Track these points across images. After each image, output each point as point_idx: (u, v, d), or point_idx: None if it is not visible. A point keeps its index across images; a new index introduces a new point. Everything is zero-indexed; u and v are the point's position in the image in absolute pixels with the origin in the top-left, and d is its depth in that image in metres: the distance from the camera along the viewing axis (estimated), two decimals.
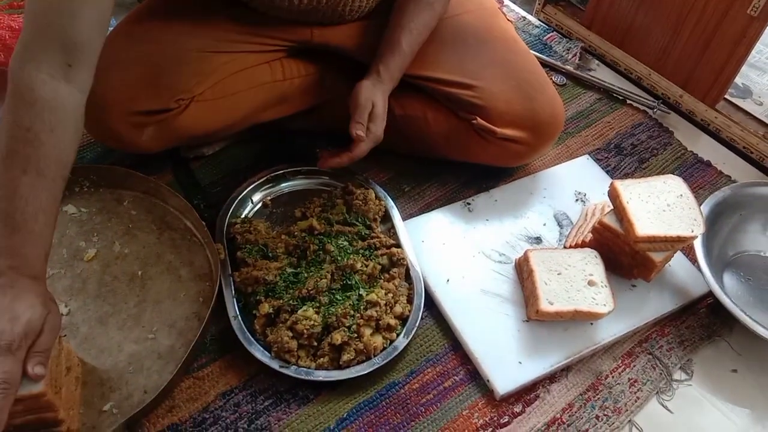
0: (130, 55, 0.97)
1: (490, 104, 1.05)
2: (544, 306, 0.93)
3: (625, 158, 1.27)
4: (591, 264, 0.98)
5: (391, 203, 1.09)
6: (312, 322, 0.89)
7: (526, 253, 1.00)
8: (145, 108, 0.97)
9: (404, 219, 1.08)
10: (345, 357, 0.88)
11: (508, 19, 1.18)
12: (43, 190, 0.73)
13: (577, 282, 0.96)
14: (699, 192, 1.22)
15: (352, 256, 0.99)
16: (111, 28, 0.98)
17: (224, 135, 1.16)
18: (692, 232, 0.95)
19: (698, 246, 1.00)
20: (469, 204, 1.12)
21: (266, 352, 0.90)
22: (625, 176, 1.23)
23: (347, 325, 0.91)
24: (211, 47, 1.01)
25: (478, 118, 1.05)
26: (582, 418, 0.91)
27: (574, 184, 1.17)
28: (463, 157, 1.14)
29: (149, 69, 0.97)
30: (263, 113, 1.11)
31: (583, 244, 1.03)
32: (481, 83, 1.05)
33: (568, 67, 1.44)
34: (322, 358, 0.89)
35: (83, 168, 1.07)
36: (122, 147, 1.05)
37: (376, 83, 1.01)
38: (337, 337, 0.89)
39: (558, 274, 0.97)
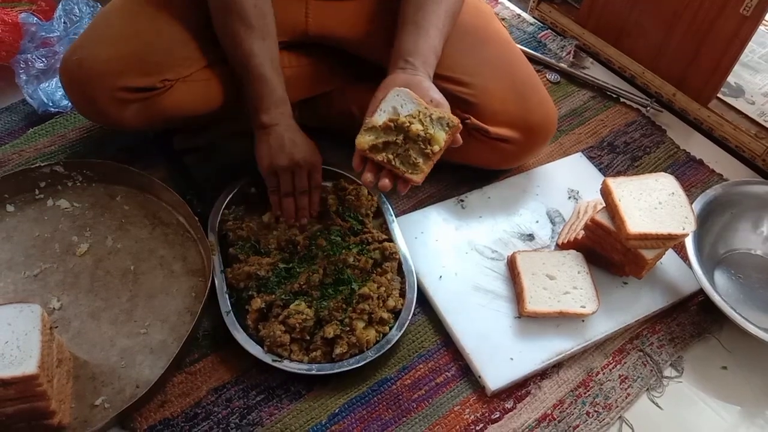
0: (123, 30, 0.97)
1: (484, 102, 1.05)
2: (530, 307, 0.95)
3: (617, 156, 1.28)
4: (576, 266, 1.00)
5: (383, 199, 1.09)
6: (304, 316, 0.89)
7: (513, 255, 1.01)
8: (130, 84, 0.96)
9: (397, 216, 1.08)
10: (338, 350, 0.89)
11: (503, 25, 1.19)
12: (276, 49, 0.96)
13: (562, 283, 0.98)
14: (691, 190, 1.22)
15: (344, 250, 0.99)
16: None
17: (212, 118, 1.14)
18: (683, 229, 0.95)
19: (689, 244, 1.01)
20: (462, 201, 1.13)
21: (259, 347, 0.90)
22: (618, 174, 1.24)
23: (340, 318, 0.91)
24: (204, 32, 1.01)
25: (472, 118, 1.06)
26: (573, 414, 0.91)
27: (567, 182, 1.17)
28: (455, 158, 1.13)
29: (139, 46, 0.97)
30: None
31: (575, 242, 1.03)
32: (477, 80, 1.05)
33: (562, 65, 1.44)
34: (314, 352, 0.89)
35: (76, 163, 1.07)
36: (106, 123, 1.04)
37: (407, 72, 0.92)
38: (330, 331, 0.89)
39: (544, 275, 0.98)
